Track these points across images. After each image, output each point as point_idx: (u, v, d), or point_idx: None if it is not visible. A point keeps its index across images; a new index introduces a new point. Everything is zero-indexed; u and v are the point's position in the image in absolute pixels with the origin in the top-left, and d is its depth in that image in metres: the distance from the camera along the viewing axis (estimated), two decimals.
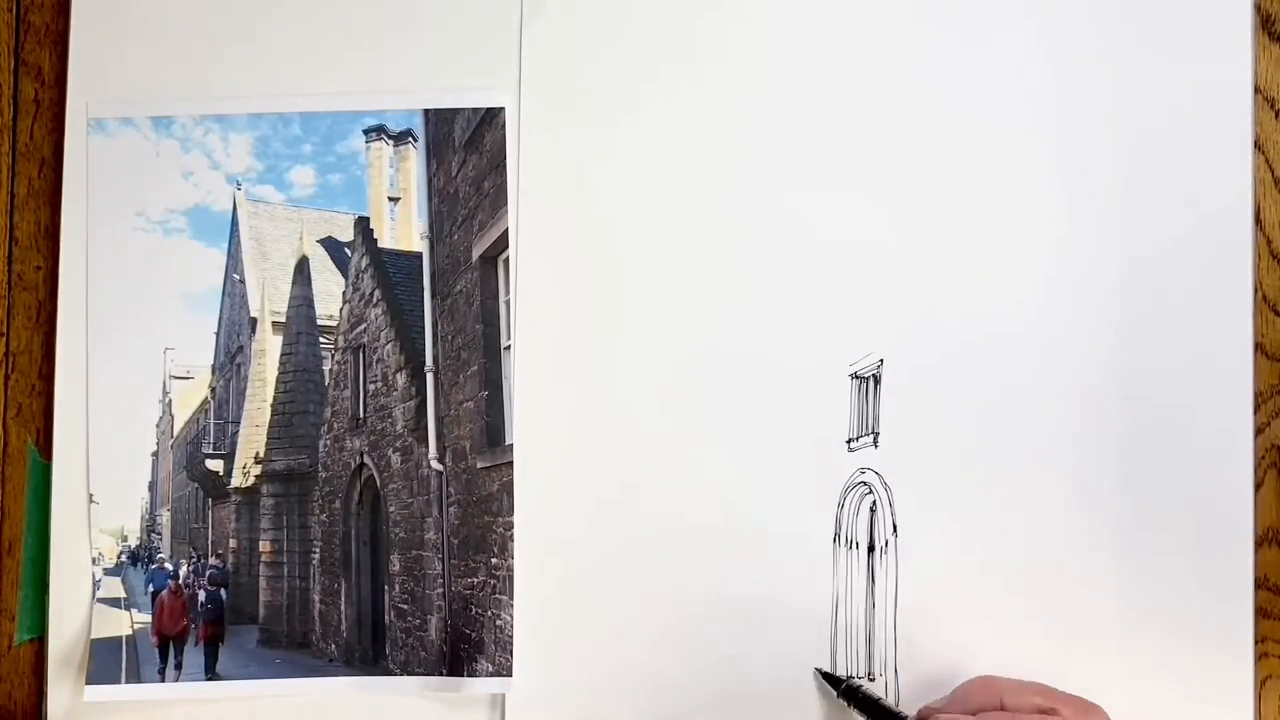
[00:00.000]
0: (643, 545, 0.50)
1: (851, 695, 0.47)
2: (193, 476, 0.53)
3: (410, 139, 0.53)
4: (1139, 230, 0.51)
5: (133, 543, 0.52)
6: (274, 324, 0.53)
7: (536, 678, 0.50)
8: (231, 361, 0.53)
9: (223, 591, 0.53)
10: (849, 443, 0.51)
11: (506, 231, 0.51)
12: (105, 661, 0.51)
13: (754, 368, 0.51)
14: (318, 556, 0.53)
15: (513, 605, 0.50)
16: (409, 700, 0.51)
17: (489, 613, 0.50)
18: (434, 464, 0.52)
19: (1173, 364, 0.50)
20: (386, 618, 0.52)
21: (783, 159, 0.51)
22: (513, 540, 0.50)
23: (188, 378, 0.52)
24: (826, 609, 0.50)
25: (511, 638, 0.50)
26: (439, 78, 0.52)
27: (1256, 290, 0.50)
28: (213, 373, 0.53)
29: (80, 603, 0.51)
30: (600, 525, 0.50)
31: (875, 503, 0.50)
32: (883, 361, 0.51)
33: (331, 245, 0.53)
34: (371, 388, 0.53)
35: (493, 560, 0.51)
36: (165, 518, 0.53)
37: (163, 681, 0.51)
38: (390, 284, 0.53)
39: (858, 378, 0.51)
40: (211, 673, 0.51)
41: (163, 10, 0.52)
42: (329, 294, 0.54)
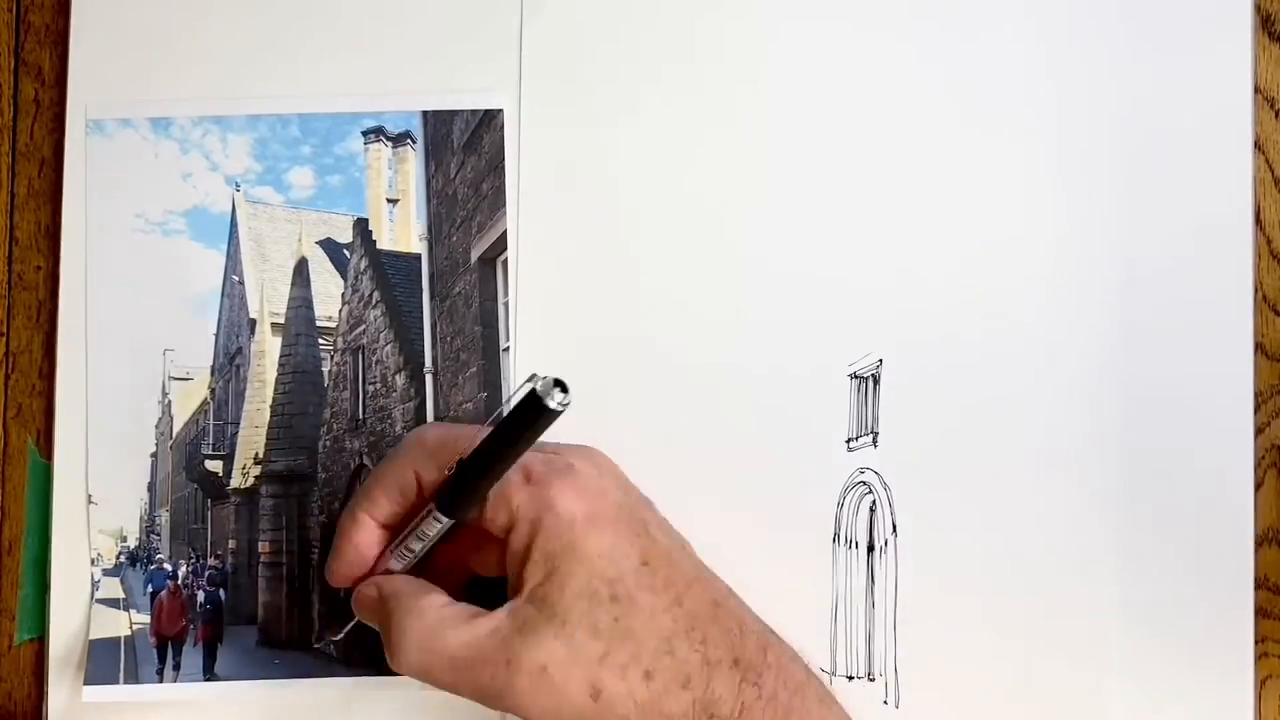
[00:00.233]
0: None
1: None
2: (192, 477, 0.53)
3: (409, 140, 0.53)
4: (1139, 230, 0.51)
5: (131, 543, 0.52)
6: (273, 325, 0.53)
7: None
8: (231, 363, 0.53)
9: (221, 592, 0.53)
10: (848, 442, 0.50)
11: (505, 233, 0.51)
12: (104, 662, 0.51)
13: (753, 367, 0.51)
14: (317, 557, 0.52)
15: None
16: (409, 701, 0.51)
17: None
18: None
19: (1173, 364, 0.50)
20: None
21: (783, 159, 0.51)
22: None
23: (187, 379, 0.52)
24: (826, 609, 0.50)
25: None
26: (438, 79, 0.52)
27: (1256, 290, 0.50)
28: (212, 374, 0.53)
29: (79, 603, 0.51)
30: None
31: (875, 502, 0.50)
32: (882, 361, 0.51)
33: (330, 247, 0.53)
34: (371, 389, 0.53)
35: None
36: (164, 518, 0.53)
37: (161, 682, 0.51)
38: (389, 285, 0.53)
39: (857, 377, 0.51)
40: (210, 673, 0.51)
41: (162, 11, 0.52)
42: (328, 295, 0.54)
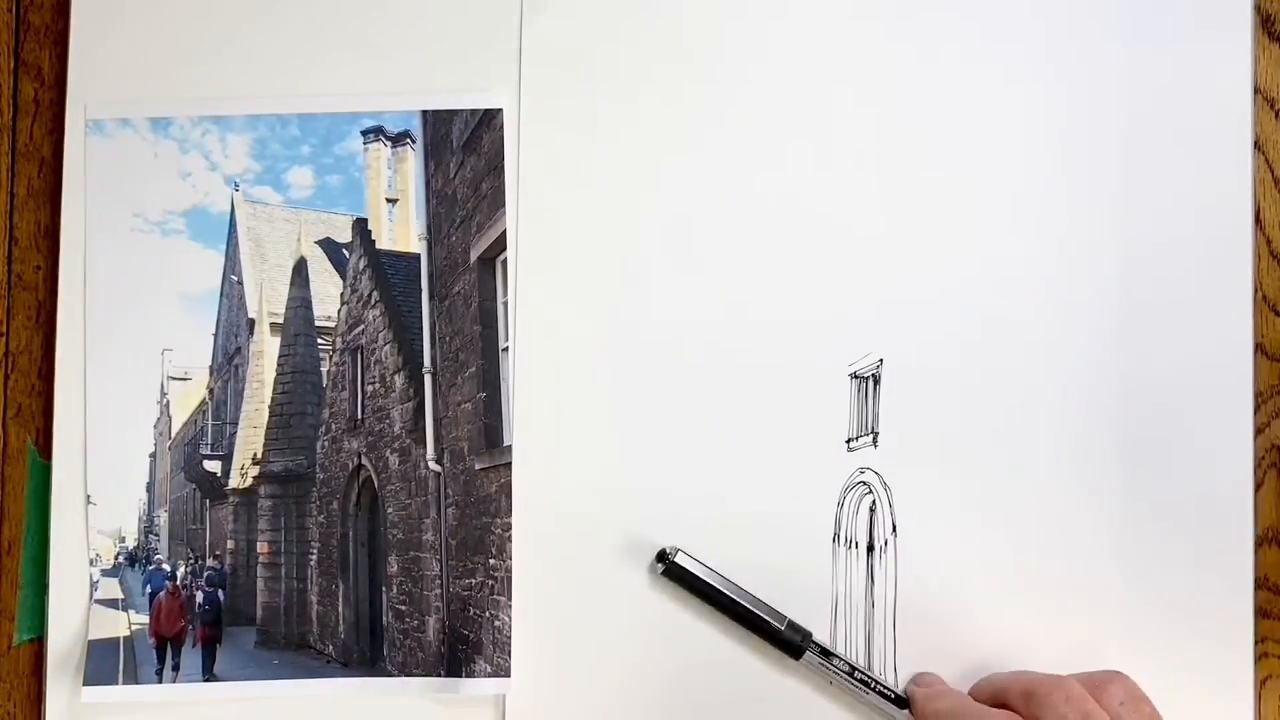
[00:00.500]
0: (642, 545, 0.50)
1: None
2: (190, 478, 0.53)
3: (408, 140, 0.53)
4: (1139, 230, 0.51)
5: (130, 544, 0.52)
6: (272, 325, 0.53)
7: (535, 678, 0.50)
8: (229, 363, 0.53)
9: (220, 593, 0.53)
10: (848, 442, 0.50)
11: (505, 233, 0.51)
12: (102, 663, 0.51)
13: (753, 367, 0.51)
14: (315, 558, 0.52)
15: (511, 606, 0.50)
16: (407, 701, 0.51)
17: (487, 614, 0.50)
18: (432, 465, 0.52)
19: (1173, 364, 0.50)
20: (384, 619, 0.52)
21: (782, 159, 0.51)
22: (511, 541, 0.50)
23: (186, 379, 0.52)
24: (826, 609, 0.50)
25: (510, 638, 0.50)
26: (437, 79, 0.52)
27: (1256, 290, 0.50)
28: (210, 374, 0.53)
29: (78, 604, 0.51)
30: (599, 525, 0.50)
31: (875, 502, 0.50)
32: (882, 361, 0.51)
33: (329, 246, 0.53)
34: (369, 389, 0.53)
35: (491, 561, 0.51)
36: (163, 519, 0.53)
37: (160, 683, 0.51)
38: (388, 285, 0.53)
39: (857, 377, 0.51)
40: (209, 674, 0.51)
41: (162, 11, 0.52)
42: (327, 295, 0.54)
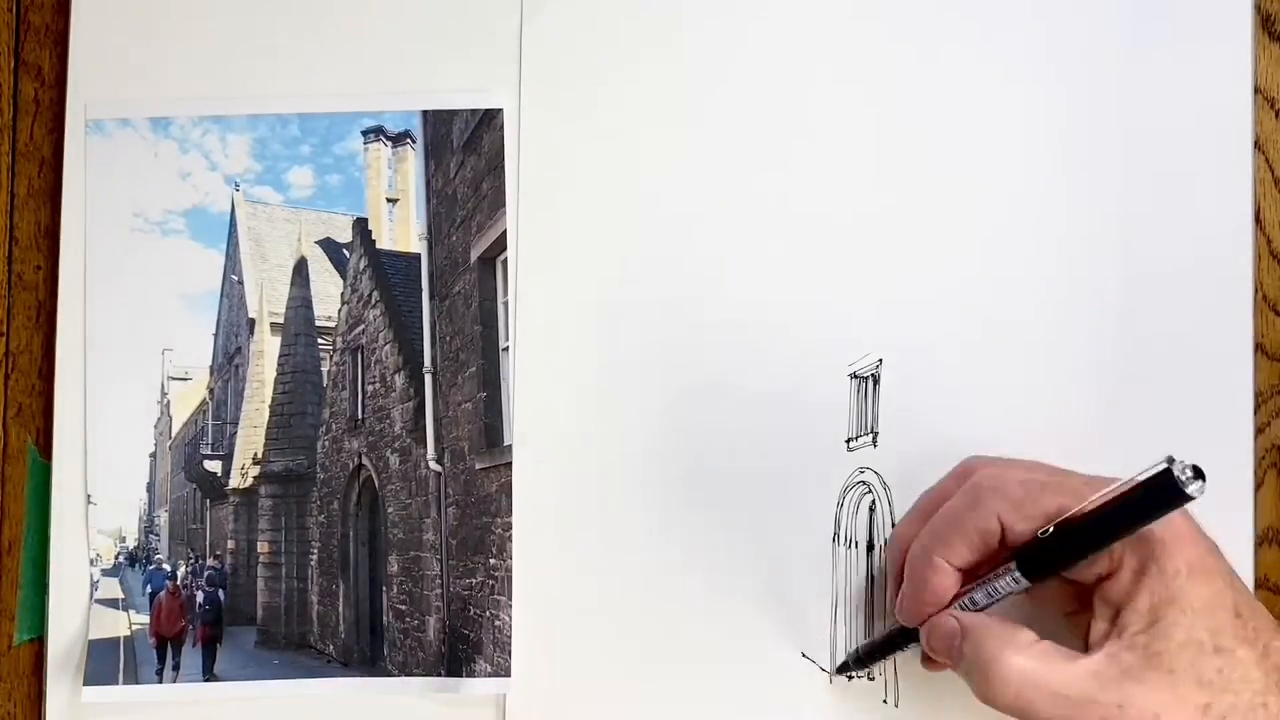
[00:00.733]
0: (642, 545, 0.50)
1: (849, 664, 0.49)
2: (191, 477, 0.53)
3: (408, 140, 0.53)
4: (1139, 230, 0.50)
5: (130, 544, 0.52)
6: (272, 325, 0.53)
7: (535, 678, 0.50)
8: (230, 362, 0.53)
9: (221, 592, 0.53)
10: (848, 442, 0.50)
11: (505, 233, 0.51)
12: (103, 662, 0.51)
13: (753, 367, 0.51)
14: (316, 557, 0.53)
15: (511, 606, 0.50)
16: (407, 701, 0.51)
17: (487, 613, 0.50)
18: (432, 465, 0.52)
19: (1173, 364, 0.50)
20: (385, 618, 0.52)
21: (782, 159, 0.51)
22: (511, 541, 0.50)
23: (186, 379, 0.52)
24: (826, 609, 0.50)
25: (510, 638, 0.50)
26: (437, 79, 0.52)
27: (1256, 290, 0.50)
28: (211, 374, 0.53)
29: (78, 604, 0.51)
30: (599, 526, 0.50)
31: (874, 502, 0.50)
32: (882, 361, 0.51)
33: (330, 246, 0.53)
34: (370, 389, 0.53)
35: (491, 561, 0.51)
36: (163, 519, 0.53)
37: (160, 682, 0.51)
38: (388, 285, 0.53)
39: (857, 377, 0.51)
40: (209, 674, 0.51)
41: (162, 11, 0.52)
42: (327, 295, 0.54)
